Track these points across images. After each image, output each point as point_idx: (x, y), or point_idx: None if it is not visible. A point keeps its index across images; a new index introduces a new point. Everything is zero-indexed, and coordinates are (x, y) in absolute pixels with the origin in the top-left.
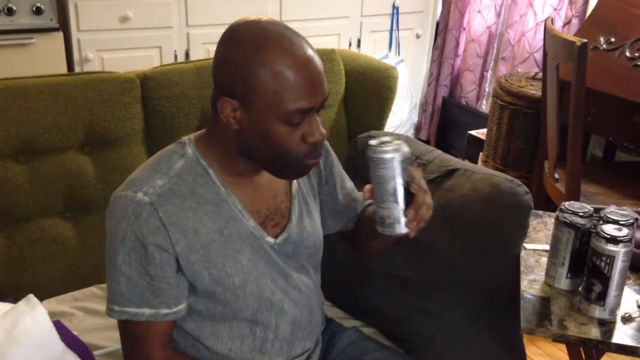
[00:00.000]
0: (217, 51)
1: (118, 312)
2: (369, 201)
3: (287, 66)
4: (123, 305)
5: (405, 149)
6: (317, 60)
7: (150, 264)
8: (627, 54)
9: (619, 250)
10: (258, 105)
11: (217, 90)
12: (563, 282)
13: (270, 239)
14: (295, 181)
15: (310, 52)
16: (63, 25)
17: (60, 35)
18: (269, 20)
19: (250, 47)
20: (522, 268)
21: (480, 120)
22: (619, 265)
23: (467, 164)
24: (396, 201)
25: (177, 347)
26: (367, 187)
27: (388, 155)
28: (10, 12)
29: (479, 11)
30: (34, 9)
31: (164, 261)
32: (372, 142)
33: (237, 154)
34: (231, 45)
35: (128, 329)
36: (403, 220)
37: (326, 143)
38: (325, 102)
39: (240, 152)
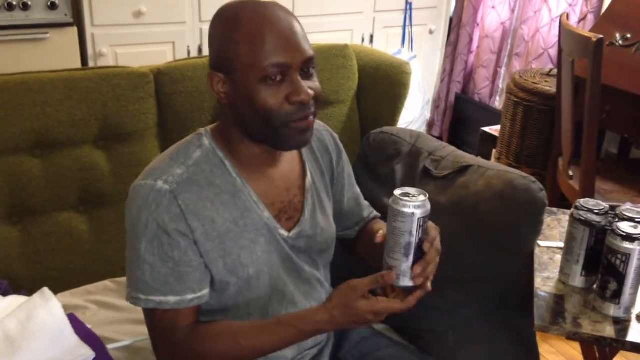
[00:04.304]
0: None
1: (144, 301)
2: (375, 213)
3: (259, 25)
4: (149, 293)
5: (428, 206)
6: (293, 21)
7: (174, 249)
8: None
9: (635, 248)
10: (237, 69)
11: (209, 69)
12: (577, 280)
13: (284, 232)
14: (309, 176)
15: (285, 15)
16: (77, 20)
17: (74, 30)
18: None
19: (227, 17)
20: (536, 265)
21: (493, 116)
22: (634, 263)
23: (480, 160)
24: (406, 256)
25: None
26: (381, 232)
27: (408, 210)
28: (25, 7)
29: (493, 7)
30: (49, 4)
31: (188, 246)
32: (397, 192)
33: (240, 136)
34: (213, 22)
35: (156, 318)
36: (409, 274)
37: (340, 144)
38: (310, 65)
39: (238, 129)
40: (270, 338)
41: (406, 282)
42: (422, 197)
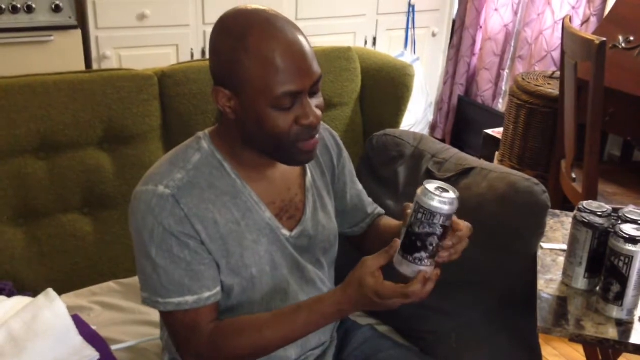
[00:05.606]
0: (209, 43)
1: (163, 304)
2: (380, 210)
3: (270, 51)
4: (167, 296)
5: (437, 205)
6: (303, 42)
7: (184, 250)
8: None
9: (638, 251)
10: (247, 93)
11: (213, 81)
12: (580, 282)
13: (286, 232)
14: (309, 175)
15: (294, 35)
16: (81, 22)
17: (78, 32)
18: (256, 8)
19: (235, 36)
20: (539, 267)
21: (496, 119)
22: (637, 265)
23: (483, 162)
24: (403, 235)
25: None
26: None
27: (419, 194)
28: (29, 9)
29: (496, 9)
30: (53, 6)
31: (197, 245)
32: (433, 182)
33: (243, 144)
34: (218, 35)
35: (177, 320)
36: (397, 255)
37: (340, 142)
38: (319, 84)
39: (243, 141)
40: (294, 325)
41: (396, 259)
42: (445, 196)
